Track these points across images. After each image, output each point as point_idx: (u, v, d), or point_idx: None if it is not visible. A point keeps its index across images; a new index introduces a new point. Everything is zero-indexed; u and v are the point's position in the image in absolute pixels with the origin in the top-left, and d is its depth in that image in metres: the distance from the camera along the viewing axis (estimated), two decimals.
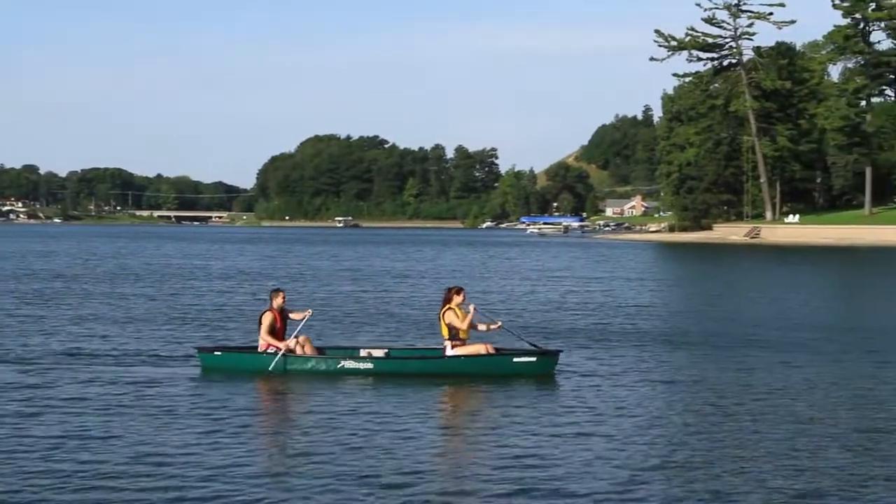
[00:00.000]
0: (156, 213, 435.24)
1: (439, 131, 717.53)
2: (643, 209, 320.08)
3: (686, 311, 40.06)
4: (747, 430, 17.04)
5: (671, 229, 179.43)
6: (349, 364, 22.58)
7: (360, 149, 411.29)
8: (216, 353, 23.56)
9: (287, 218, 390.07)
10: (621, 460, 15.00)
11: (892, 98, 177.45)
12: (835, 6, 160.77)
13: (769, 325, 33.43)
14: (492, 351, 22.66)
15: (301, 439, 16.37)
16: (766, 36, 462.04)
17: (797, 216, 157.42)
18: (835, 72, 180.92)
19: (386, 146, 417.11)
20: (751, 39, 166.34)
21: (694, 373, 23.21)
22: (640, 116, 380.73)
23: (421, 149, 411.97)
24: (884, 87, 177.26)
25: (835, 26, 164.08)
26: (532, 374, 22.28)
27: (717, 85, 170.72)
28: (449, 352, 22.50)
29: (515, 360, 22.61)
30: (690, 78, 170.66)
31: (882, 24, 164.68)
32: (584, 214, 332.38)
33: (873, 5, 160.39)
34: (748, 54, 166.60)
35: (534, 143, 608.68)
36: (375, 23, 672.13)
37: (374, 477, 14.02)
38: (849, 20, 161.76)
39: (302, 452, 15.40)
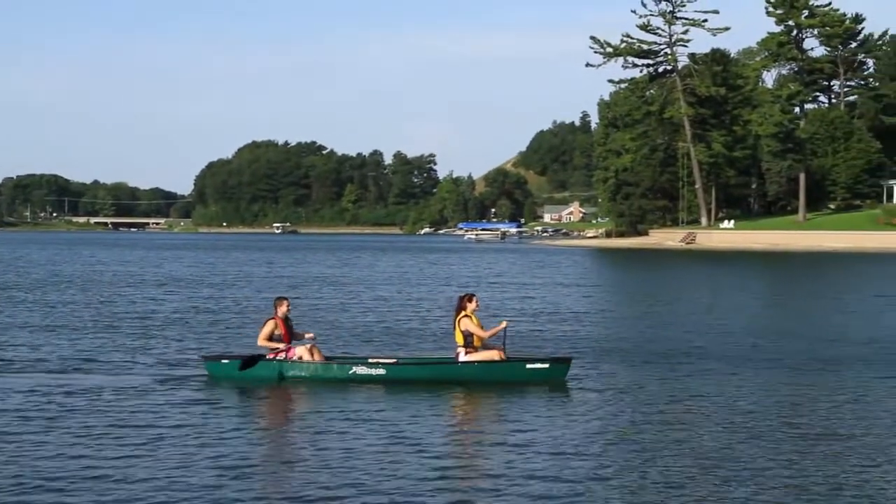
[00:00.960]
0: (92, 220, 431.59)
1: (378, 137, 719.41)
2: (581, 215, 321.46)
3: (620, 317, 40.20)
4: (672, 439, 17.05)
5: (608, 235, 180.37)
6: (361, 371, 22.44)
7: (297, 155, 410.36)
8: (223, 361, 23.22)
9: (225, 224, 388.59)
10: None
11: (826, 104, 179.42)
12: (768, 13, 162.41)
13: (699, 331, 33.60)
14: (504, 357, 22.63)
15: (314, 447, 16.34)
16: (701, 43, 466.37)
17: (732, 222, 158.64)
18: (769, 78, 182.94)
19: (324, 152, 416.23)
20: (686, 46, 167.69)
21: (629, 381, 23.21)
22: (577, 122, 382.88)
23: (359, 155, 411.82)
24: (817, 94, 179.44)
25: (768, 33, 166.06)
26: (544, 381, 22.23)
27: (652, 91, 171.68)
28: (462, 358, 22.48)
29: (529, 366, 22.55)
30: (626, 84, 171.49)
31: (815, 31, 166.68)
32: (523, 220, 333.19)
33: (806, 13, 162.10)
34: (683, 61, 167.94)
35: (472, 150, 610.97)
36: (314, 28, 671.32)
37: (385, 485, 14.06)
38: (782, 27, 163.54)
39: (316, 459, 15.48)
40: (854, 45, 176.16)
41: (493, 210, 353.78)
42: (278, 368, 22.49)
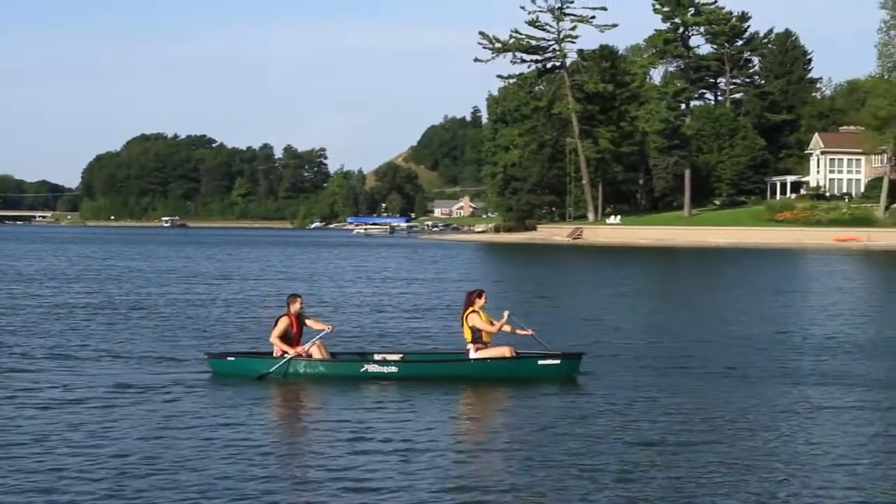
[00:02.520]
0: None
1: (268, 131, 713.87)
2: (472, 210, 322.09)
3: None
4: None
5: (496, 230, 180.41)
6: (373, 368, 22.22)
7: (187, 148, 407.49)
8: (229, 358, 22.88)
9: (113, 218, 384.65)
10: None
11: (712, 101, 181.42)
12: (655, 11, 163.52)
13: (570, 325, 33.29)
14: (514, 353, 22.55)
15: (326, 445, 16.26)
16: (589, 39, 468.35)
17: (618, 217, 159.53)
18: (657, 75, 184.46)
19: (214, 145, 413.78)
20: (574, 42, 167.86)
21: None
22: (468, 118, 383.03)
23: (249, 148, 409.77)
24: (703, 91, 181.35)
25: (655, 30, 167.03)
26: (556, 377, 22.23)
27: (541, 87, 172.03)
28: (472, 355, 22.36)
29: (540, 362, 22.53)
30: (514, 80, 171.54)
31: (701, 29, 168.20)
32: (413, 215, 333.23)
33: (692, 10, 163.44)
34: (571, 57, 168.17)
35: (363, 144, 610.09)
36: (204, 20, 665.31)
37: (395, 482, 14.05)
38: (669, 24, 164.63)
39: (327, 457, 15.41)
40: (740, 43, 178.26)
41: (383, 205, 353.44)
42: (288, 365, 22.16)
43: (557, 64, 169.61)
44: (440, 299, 44.95)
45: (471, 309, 22.44)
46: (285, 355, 22.14)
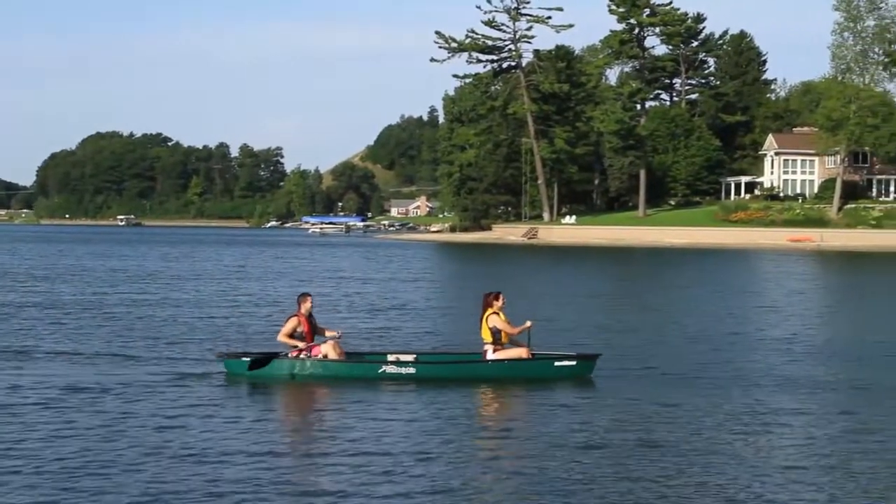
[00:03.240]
0: None
1: (224, 130, 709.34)
2: (428, 209, 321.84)
3: (446, 311, 39.74)
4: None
5: (452, 230, 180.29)
6: (391, 369, 22.25)
7: (143, 146, 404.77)
8: (243, 359, 22.69)
9: (67, 216, 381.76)
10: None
11: (667, 102, 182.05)
12: (611, 11, 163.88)
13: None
14: (531, 354, 22.73)
15: (335, 445, 16.39)
16: (545, 39, 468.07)
17: (574, 217, 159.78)
18: (613, 76, 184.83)
19: (169, 144, 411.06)
20: (530, 43, 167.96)
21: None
22: (425, 117, 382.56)
23: (205, 147, 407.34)
24: (659, 91, 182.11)
25: (611, 31, 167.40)
26: (572, 378, 22.44)
27: (497, 87, 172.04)
28: (490, 355, 22.51)
29: (557, 363, 22.73)
30: (470, 80, 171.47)
31: (656, 30, 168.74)
32: (370, 214, 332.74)
33: (648, 11, 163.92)
34: (527, 57, 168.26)
35: (320, 143, 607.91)
36: (159, 19, 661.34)
37: (418, 484, 14.17)
38: (624, 25, 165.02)
39: (339, 457, 15.57)
40: (695, 44, 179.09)
41: (340, 204, 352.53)
42: (302, 367, 22.18)
43: (513, 64, 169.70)
44: (392, 299, 44.83)
45: (490, 310, 22.62)
46: (300, 354, 22.24)
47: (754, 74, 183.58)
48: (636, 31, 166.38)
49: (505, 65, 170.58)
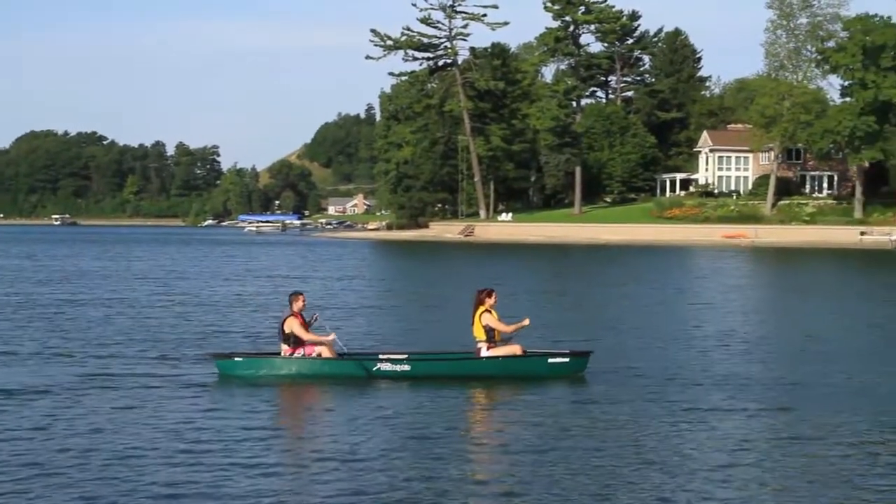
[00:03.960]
0: None
1: (160, 128, 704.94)
2: (366, 207, 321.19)
3: (388, 312, 39.51)
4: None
5: (389, 227, 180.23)
6: (386, 367, 22.29)
7: (78, 145, 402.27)
8: (236, 359, 22.60)
9: (1, 216, 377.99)
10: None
11: (603, 99, 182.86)
12: (546, 9, 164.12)
13: (455, 325, 33.12)
14: (524, 352, 22.90)
15: (339, 444, 16.38)
16: (481, 37, 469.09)
17: (510, 214, 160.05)
18: (549, 73, 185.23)
19: (105, 143, 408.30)
20: (465, 40, 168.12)
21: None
22: (363, 115, 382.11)
23: (141, 146, 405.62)
24: (594, 89, 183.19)
25: (546, 28, 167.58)
26: (565, 375, 22.62)
27: (433, 85, 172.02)
28: (484, 353, 22.55)
29: (550, 360, 22.93)
30: (406, 77, 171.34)
31: (592, 28, 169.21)
32: (307, 212, 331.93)
33: (583, 9, 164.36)
34: (463, 55, 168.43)
35: (256, 141, 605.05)
36: (93, 16, 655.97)
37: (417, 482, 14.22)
38: (560, 23, 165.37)
39: (336, 456, 15.57)
40: (630, 41, 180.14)
41: (277, 202, 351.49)
42: (299, 366, 22.22)
43: (449, 61, 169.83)
44: (329, 299, 44.55)
45: (483, 308, 22.66)
46: (296, 352, 22.19)
47: (689, 72, 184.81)
48: (571, 28, 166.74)
49: (441, 62, 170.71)
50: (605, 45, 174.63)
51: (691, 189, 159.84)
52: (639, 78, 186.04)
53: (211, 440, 16.50)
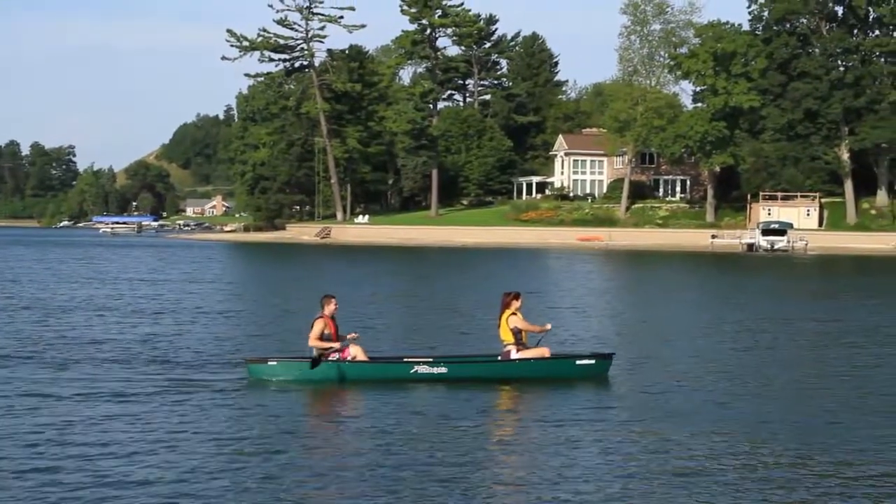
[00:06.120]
0: None
1: (14, 127, 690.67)
2: (224, 209, 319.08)
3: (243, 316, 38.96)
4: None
5: (246, 229, 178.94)
6: (423, 370, 22.67)
7: None
8: (270, 363, 22.89)
9: None
10: None
11: (460, 103, 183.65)
12: (403, 12, 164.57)
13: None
14: (551, 354, 23.45)
15: (373, 446, 16.61)
16: (338, 39, 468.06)
17: (367, 217, 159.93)
18: (407, 76, 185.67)
19: None
20: (322, 42, 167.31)
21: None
22: (222, 116, 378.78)
23: None
24: (452, 92, 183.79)
25: (403, 31, 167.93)
26: (591, 376, 23.11)
27: (290, 86, 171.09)
28: (514, 355, 22.95)
29: (578, 362, 23.45)
30: (263, 78, 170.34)
31: (448, 31, 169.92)
32: (164, 214, 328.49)
33: (439, 12, 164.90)
34: (320, 57, 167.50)
35: (113, 141, 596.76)
36: None
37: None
38: (416, 26, 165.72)
39: (367, 459, 15.80)
40: (487, 45, 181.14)
41: (134, 203, 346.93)
42: (336, 369, 22.39)
43: (306, 63, 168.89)
44: (171, 304, 43.86)
45: (510, 311, 23.03)
46: (331, 356, 22.31)
47: (546, 76, 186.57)
48: (428, 31, 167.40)
49: (297, 64, 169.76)
50: (463, 48, 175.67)
51: (547, 192, 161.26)
52: (496, 82, 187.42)
53: (243, 439, 17.01)
